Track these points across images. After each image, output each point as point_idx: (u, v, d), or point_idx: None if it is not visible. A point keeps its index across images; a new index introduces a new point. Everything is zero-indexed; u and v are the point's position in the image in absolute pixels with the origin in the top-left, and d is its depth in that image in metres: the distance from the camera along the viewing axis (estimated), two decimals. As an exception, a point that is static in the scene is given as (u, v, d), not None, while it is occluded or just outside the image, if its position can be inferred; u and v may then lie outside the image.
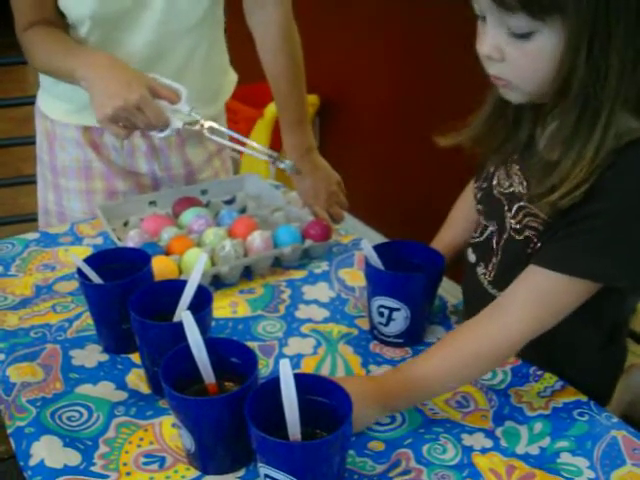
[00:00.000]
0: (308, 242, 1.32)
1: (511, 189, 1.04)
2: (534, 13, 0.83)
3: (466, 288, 1.16)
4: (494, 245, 1.07)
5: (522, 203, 1.00)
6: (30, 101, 1.59)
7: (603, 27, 0.83)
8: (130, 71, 1.23)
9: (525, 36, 0.87)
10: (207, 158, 1.59)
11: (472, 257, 1.13)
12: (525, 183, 1.01)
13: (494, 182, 1.07)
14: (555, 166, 0.91)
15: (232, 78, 1.63)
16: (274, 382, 0.82)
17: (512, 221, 1.02)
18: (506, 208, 1.04)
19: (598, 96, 0.86)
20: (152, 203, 1.45)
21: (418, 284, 1.09)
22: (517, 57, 0.89)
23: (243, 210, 1.44)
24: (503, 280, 1.01)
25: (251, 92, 2.94)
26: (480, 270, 1.10)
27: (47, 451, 0.92)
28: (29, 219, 2.16)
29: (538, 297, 0.94)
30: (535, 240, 0.99)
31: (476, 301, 1.06)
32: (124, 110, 1.18)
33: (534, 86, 0.92)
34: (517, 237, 1.01)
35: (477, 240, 1.12)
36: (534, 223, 0.98)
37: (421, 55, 2.46)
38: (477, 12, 0.91)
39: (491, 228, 1.08)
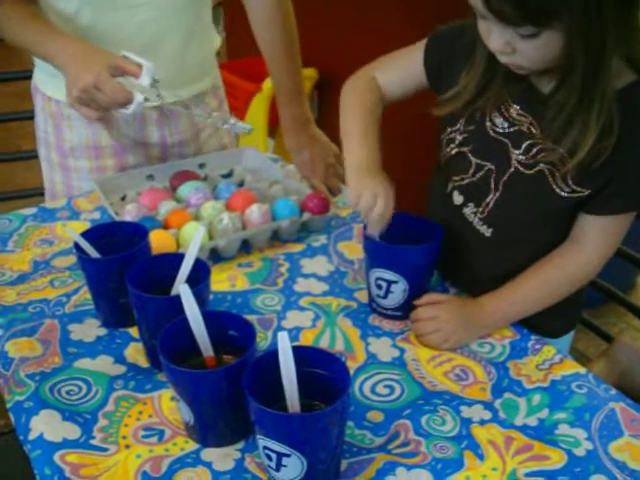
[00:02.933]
0: (306, 215, 1.31)
1: (513, 129, 1.07)
2: (535, 24, 0.89)
3: (447, 229, 1.15)
4: (492, 183, 1.10)
5: (534, 140, 1.05)
6: (28, 75, 1.56)
7: (597, 25, 0.88)
8: (92, 53, 1.24)
9: (532, 36, 0.91)
10: (208, 115, 1.58)
11: (459, 199, 1.16)
12: (535, 123, 1.05)
13: (487, 124, 1.10)
14: (568, 128, 0.98)
15: (214, 45, 1.61)
16: (272, 354, 0.82)
17: (521, 157, 1.06)
18: (510, 146, 1.07)
19: (597, 72, 0.93)
20: (150, 177, 1.44)
21: (416, 257, 1.09)
22: (527, 49, 0.94)
23: (241, 183, 1.44)
24: (500, 215, 1.10)
25: (249, 66, 2.92)
26: (469, 210, 1.14)
27: (46, 425, 0.93)
28: (27, 195, 2.15)
29: (607, 235, 1.07)
30: (550, 172, 1.04)
31: (459, 239, 1.16)
32: (84, 91, 1.20)
33: (546, 66, 0.97)
34: (527, 171, 1.06)
35: (468, 181, 1.14)
36: (550, 157, 1.02)
37: (421, 28, 2.44)
38: (477, 14, 0.95)
39: (489, 167, 1.10)
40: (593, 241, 1.07)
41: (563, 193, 1.03)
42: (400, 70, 1.22)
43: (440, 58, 1.16)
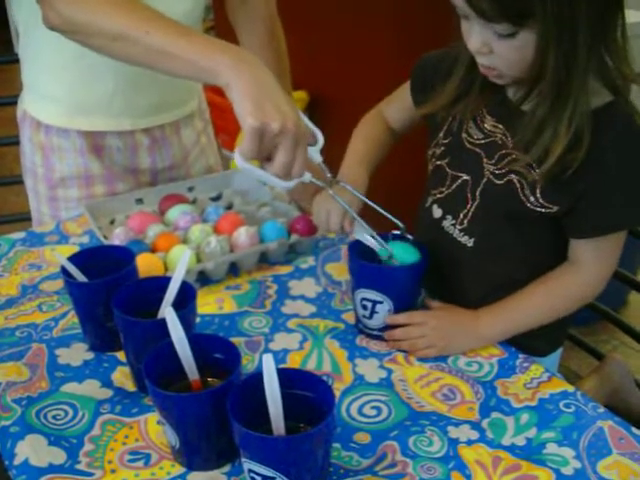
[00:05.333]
0: (294, 237, 1.31)
1: (487, 140, 1.10)
2: (513, 21, 0.93)
3: (429, 243, 1.16)
4: (468, 193, 1.12)
5: (506, 151, 1.07)
6: (17, 101, 1.56)
7: (568, 23, 0.92)
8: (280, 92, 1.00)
9: (510, 35, 0.95)
10: (196, 137, 1.59)
11: (438, 212, 1.18)
12: (508, 134, 1.07)
13: (463, 135, 1.13)
14: (538, 135, 1.00)
15: None
16: (257, 377, 0.82)
17: (492, 167, 1.09)
18: (484, 157, 1.10)
19: (568, 78, 0.96)
20: (139, 201, 1.45)
21: (399, 276, 1.09)
22: (504, 51, 0.97)
23: (229, 206, 1.44)
24: (479, 224, 1.12)
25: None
26: (447, 222, 1.16)
27: (32, 450, 0.92)
28: (17, 219, 2.15)
29: (601, 255, 1.08)
30: (519, 182, 1.05)
31: (441, 253, 1.16)
32: (284, 132, 0.96)
33: (521, 72, 1.00)
34: (497, 181, 1.08)
35: (445, 194, 1.16)
36: (519, 167, 1.04)
37: (409, 51, 2.45)
38: (460, 13, 0.99)
39: (464, 177, 1.13)
40: (588, 262, 1.08)
41: (529, 205, 1.05)
42: (397, 105, 1.30)
43: (424, 85, 1.20)
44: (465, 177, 1.13)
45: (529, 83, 1.01)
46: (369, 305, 1.10)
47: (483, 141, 1.11)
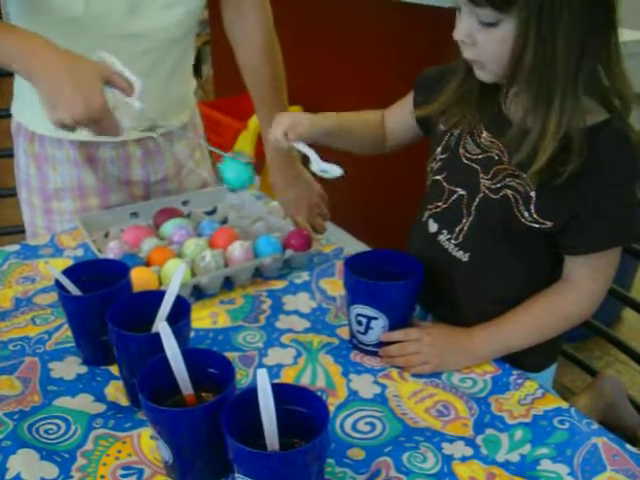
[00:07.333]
0: (289, 252, 1.31)
1: (484, 155, 1.11)
2: (496, 6, 0.95)
3: (424, 258, 1.16)
4: (464, 208, 1.13)
5: (502, 166, 1.08)
6: (8, 114, 1.56)
7: (549, 17, 0.94)
8: (83, 68, 1.11)
9: (492, 24, 0.98)
10: (189, 151, 1.59)
11: (434, 227, 1.18)
12: (505, 150, 1.08)
13: (460, 150, 1.14)
14: (526, 134, 1.01)
15: (193, 82, 1.63)
16: (252, 392, 0.81)
17: (488, 182, 1.09)
18: (480, 172, 1.11)
19: (548, 78, 0.97)
20: (134, 214, 1.45)
21: (396, 293, 1.09)
22: (486, 42, 1.00)
23: (224, 221, 1.44)
24: (474, 239, 1.12)
25: (234, 104, 2.95)
26: (443, 237, 1.16)
27: (24, 465, 0.91)
28: (11, 232, 2.14)
29: (595, 272, 1.08)
30: (513, 197, 1.06)
31: (436, 268, 1.15)
32: (78, 122, 1.10)
33: (502, 67, 1.01)
34: (493, 196, 1.09)
35: (441, 208, 1.17)
36: (513, 183, 1.06)
37: (404, 65, 2.47)
38: (454, 4, 1.02)
39: (460, 192, 1.13)
40: (582, 279, 1.09)
41: (524, 220, 1.05)
42: (397, 110, 1.30)
43: (426, 88, 1.21)
44: (461, 192, 1.13)
45: (510, 79, 1.02)
46: (364, 321, 1.10)
47: (480, 156, 1.11)
